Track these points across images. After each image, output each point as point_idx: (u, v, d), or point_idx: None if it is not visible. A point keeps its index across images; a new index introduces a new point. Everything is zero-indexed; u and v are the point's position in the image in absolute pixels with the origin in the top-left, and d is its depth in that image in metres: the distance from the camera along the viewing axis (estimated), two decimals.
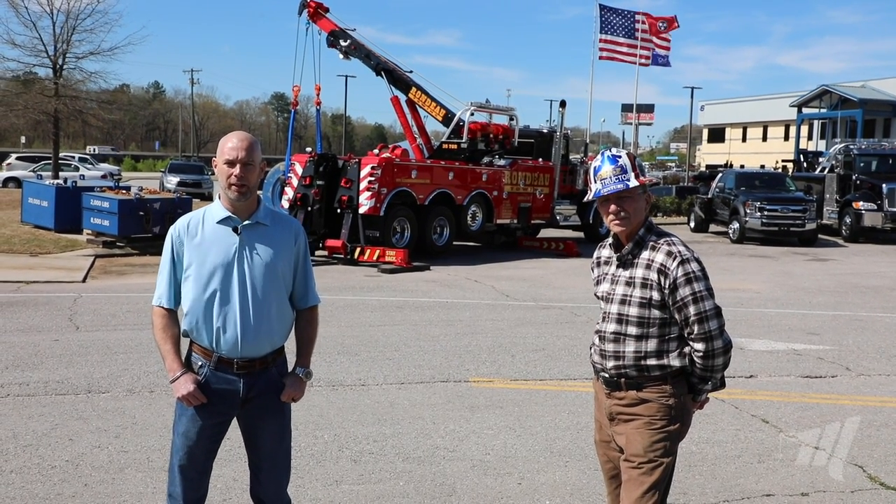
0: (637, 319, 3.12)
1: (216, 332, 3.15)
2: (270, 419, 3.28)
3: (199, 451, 3.22)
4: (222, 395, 3.19)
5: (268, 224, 3.23)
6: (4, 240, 16.30)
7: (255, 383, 3.21)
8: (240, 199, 3.14)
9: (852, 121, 42.78)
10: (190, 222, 3.22)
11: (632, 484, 3.10)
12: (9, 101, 29.09)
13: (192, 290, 3.16)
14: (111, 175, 37.51)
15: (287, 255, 3.25)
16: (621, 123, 55.88)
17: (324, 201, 15.87)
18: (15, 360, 7.34)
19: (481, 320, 10.05)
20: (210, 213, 3.22)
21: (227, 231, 3.18)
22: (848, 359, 8.37)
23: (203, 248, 3.16)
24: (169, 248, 3.21)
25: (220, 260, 3.15)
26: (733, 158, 57.45)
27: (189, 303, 3.17)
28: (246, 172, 3.12)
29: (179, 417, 3.24)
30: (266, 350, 3.22)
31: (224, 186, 3.16)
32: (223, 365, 3.17)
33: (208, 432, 3.22)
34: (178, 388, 3.15)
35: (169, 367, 3.18)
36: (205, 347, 3.19)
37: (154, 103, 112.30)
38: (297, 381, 3.31)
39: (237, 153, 3.11)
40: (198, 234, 3.18)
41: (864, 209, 22.47)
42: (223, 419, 3.27)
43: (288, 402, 3.32)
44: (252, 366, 3.19)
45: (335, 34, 18.30)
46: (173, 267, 3.21)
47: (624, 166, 3.12)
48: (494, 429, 5.84)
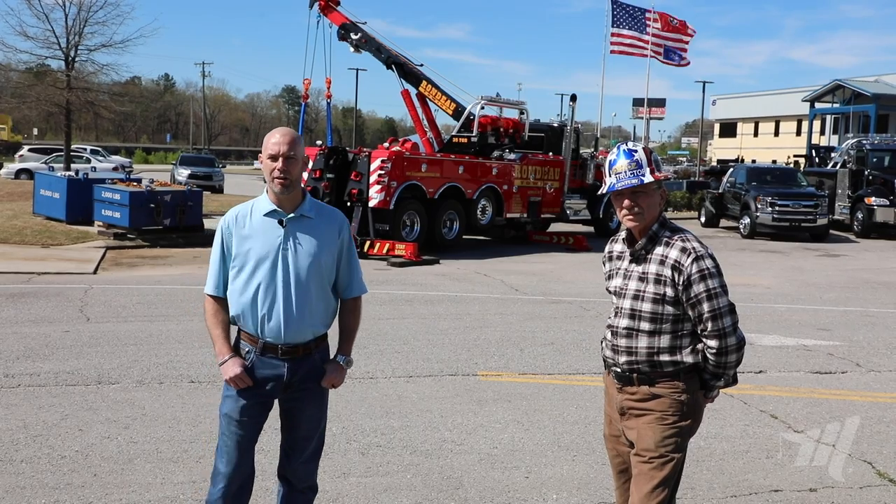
0: (650, 315, 3.11)
1: (261, 319, 3.28)
2: (310, 404, 3.40)
3: (242, 432, 3.34)
4: (267, 379, 3.32)
5: (312, 217, 3.35)
6: (16, 231, 16.39)
7: (298, 368, 3.33)
8: (283, 191, 3.26)
9: (865, 116, 42.47)
10: (238, 214, 3.36)
11: (642, 478, 3.09)
12: (21, 92, 29.23)
13: (238, 279, 3.30)
14: (122, 167, 37.62)
15: (331, 247, 3.37)
16: (632, 118, 55.59)
17: (334, 194, 15.87)
18: (26, 350, 7.39)
19: (490, 314, 10.04)
20: (258, 205, 3.35)
21: (272, 223, 3.30)
22: (858, 355, 8.33)
23: (250, 239, 3.30)
24: (219, 239, 3.36)
25: (266, 251, 3.27)
26: (745, 153, 57.17)
27: (236, 291, 3.31)
28: (289, 166, 3.23)
29: (224, 399, 3.37)
30: (308, 337, 3.34)
31: (269, 180, 3.27)
32: (268, 350, 3.30)
33: (251, 412, 3.34)
34: (226, 370, 3.30)
35: (218, 351, 3.33)
36: (250, 334, 3.32)
37: (165, 96, 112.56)
38: (338, 368, 3.43)
39: (280, 147, 3.23)
40: (245, 226, 3.31)
41: (876, 205, 22.33)
42: (266, 401, 3.38)
43: (328, 388, 3.44)
44: (296, 351, 3.31)
45: (346, 27, 18.31)
46: (223, 257, 3.35)
47: (640, 161, 3.09)
48: (502, 422, 5.84)
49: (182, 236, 16.30)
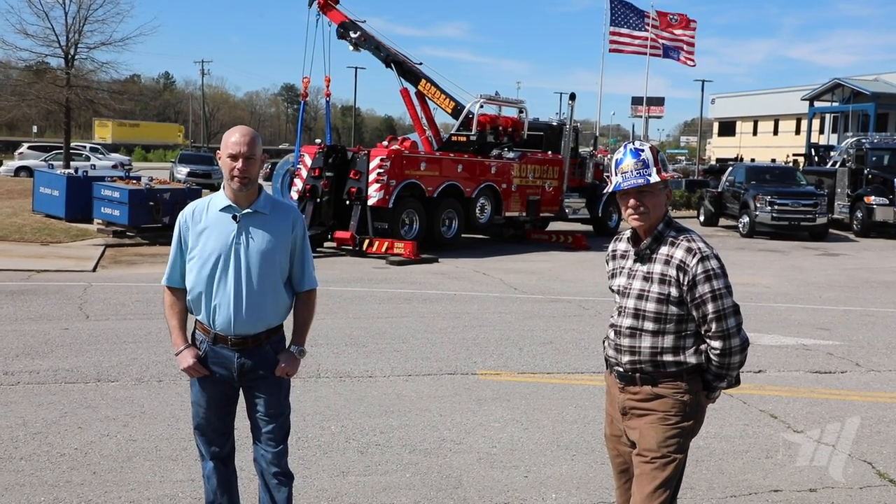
0: (654, 315, 3.09)
1: (212, 311, 3.42)
2: (266, 391, 3.50)
3: (210, 415, 3.55)
4: (221, 367, 3.47)
5: (267, 212, 3.44)
6: (16, 228, 16.38)
7: (248, 359, 3.45)
8: (241, 189, 3.37)
9: (864, 114, 42.45)
10: (195, 209, 3.48)
11: (644, 478, 3.08)
12: (21, 90, 29.21)
13: (193, 271, 3.43)
14: (122, 165, 37.60)
15: (284, 242, 3.46)
16: (631, 116, 55.53)
17: (333, 193, 15.87)
18: (25, 348, 7.39)
19: (489, 313, 10.04)
20: (214, 201, 3.46)
21: (227, 218, 3.41)
22: (858, 354, 8.33)
23: (205, 233, 3.41)
24: (177, 233, 3.48)
25: (219, 245, 3.38)
26: (744, 152, 57.10)
27: (190, 283, 3.45)
28: (248, 166, 3.33)
29: (191, 388, 3.58)
30: (260, 329, 3.45)
31: (227, 178, 3.38)
32: (219, 341, 3.44)
33: (215, 400, 3.53)
34: (180, 360, 3.47)
35: (174, 342, 3.50)
36: (203, 324, 3.47)
37: (165, 94, 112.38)
38: (291, 358, 3.54)
39: (239, 147, 3.32)
40: (202, 221, 3.43)
41: (875, 204, 22.34)
42: (225, 389, 3.54)
43: (285, 378, 3.55)
44: (245, 343, 3.43)
45: (345, 26, 18.28)
46: (180, 250, 3.48)
47: (646, 160, 3.08)
48: (501, 421, 5.84)
49: None
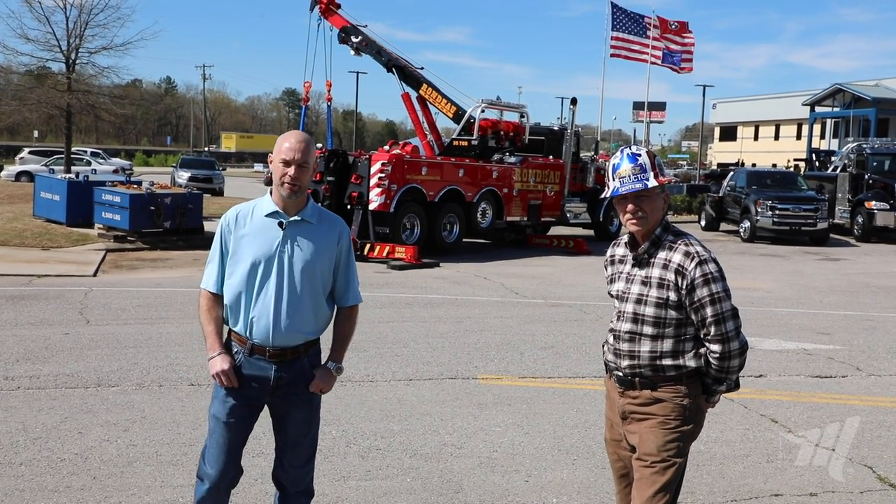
0: (653, 319, 3.10)
1: (251, 320, 3.27)
2: (298, 408, 3.38)
3: (229, 434, 3.33)
4: (254, 381, 3.31)
5: (313, 222, 3.33)
6: (16, 233, 16.39)
7: (286, 372, 3.31)
8: (291, 196, 3.25)
9: (865, 120, 42.48)
10: (239, 213, 3.34)
11: (644, 483, 3.08)
12: (22, 95, 29.22)
13: (233, 277, 3.29)
14: (123, 170, 37.63)
15: (329, 254, 3.35)
16: (633, 121, 55.54)
17: (334, 197, 15.87)
18: (25, 353, 7.39)
19: (490, 317, 10.04)
20: (260, 206, 3.34)
21: (272, 225, 3.28)
22: (858, 359, 8.32)
23: (248, 239, 3.28)
24: (219, 237, 3.35)
25: (263, 252, 3.26)
26: (745, 157, 57.19)
27: (229, 290, 3.30)
28: (300, 173, 3.23)
29: (213, 401, 3.36)
30: (298, 342, 3.32)
31: (277, 183, 3.25)
32: (256, 352, 3.29)
33: (238, 414, 3.32)
34: (213, 365, 3.28)
35: (209, 346, 3.31)
36: (240, 335, 3.31)
37: (166, 98, 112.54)
38: (327, 374, 3.40)
39: (294, 154, 3.21)
40: (245, 226, 3.30)
41: (876, 209, 22.33)
42: (254, 403, 3.37)
43: (317, 394, 3.42)
44: (283, 355, 3.29)
45: (347, 30, 18.30)
46: (221, 254, 3.34)
47: (643, 165, 3.08)
48: (502, 426, 5.84)
49: (182, 239, 16.30)
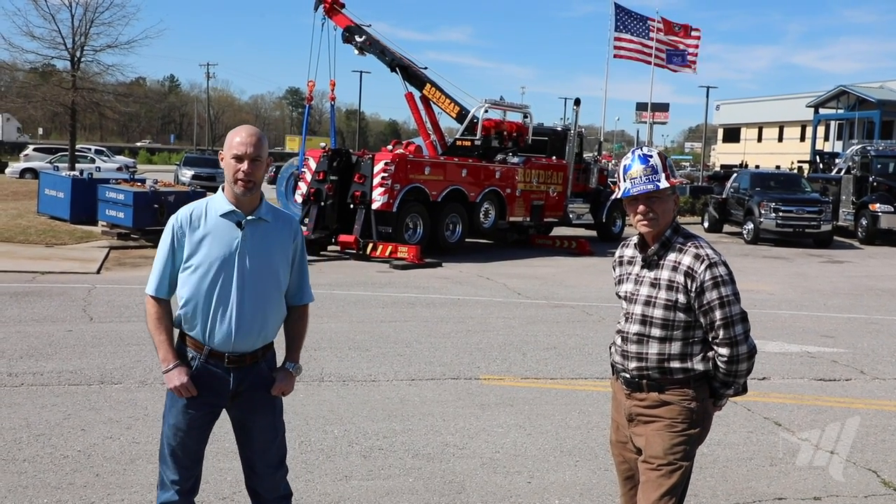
0: (662, 321, 3.08)
1: (210, 324, 3.14)
2: (261, 414, 3.29)
3: (189, 441, 3.23)
4: (212, 388, 3.19)
5: (269, 220, 3.21)
6: (21, 230, 16.41)
7: (244, 377, 3.21)
8: (245, 193, 3.12)
9: (870, 122, 42.45)
10: (192, 213, 3.18)
11: (650, 486, 3.07)
12: (27, 92, 29.34)
13: (190, 281, 3.13)
14: (127, 167, 37.66)
15: (285, 252, 3.26)
16: (636, 122, 55.56)
17: (337, 196, 15.88)
18: (29, 349, 7.39)
19: (493, 318, 10.03)
20: (213, 205, 3.19)
21: (230, 225, 3.15)
22: (862, 362, 8.30)
23: (206, 240, 3.14)
24: (169, 238, 3.17)
25: (222, 253, 3.13)
26: (748, 158, 57.08)
27: (185, 294, 3.14)
28: (254, 168, 3.10)
29: (170, 409, 3.24)
30: (258, 345, 3.22)
31: (230, 181, 3.13)
32: (214, 358, 3.17)
33: (198, 423, 3.23)
34: (170, 378, 3.15)
35: (163, 358, 3.17)
36: (196, 340, 3.18)
37: (170, 97, 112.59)
38: (287, 376, 3.32)
39: (246, 148, 3.09)
40: (201, 227, 3.15)
41: (880, 211, 22.29)
42: (213, 410, 3.27)
43: (279, 397, 3.34)
44: (242, 360, 3.19)
45: (351, 30, 18.31)
46: (172, 257, 3.17)
47: (655, 166, 3.07)
48: (504, 427, 5.83)
49: None
